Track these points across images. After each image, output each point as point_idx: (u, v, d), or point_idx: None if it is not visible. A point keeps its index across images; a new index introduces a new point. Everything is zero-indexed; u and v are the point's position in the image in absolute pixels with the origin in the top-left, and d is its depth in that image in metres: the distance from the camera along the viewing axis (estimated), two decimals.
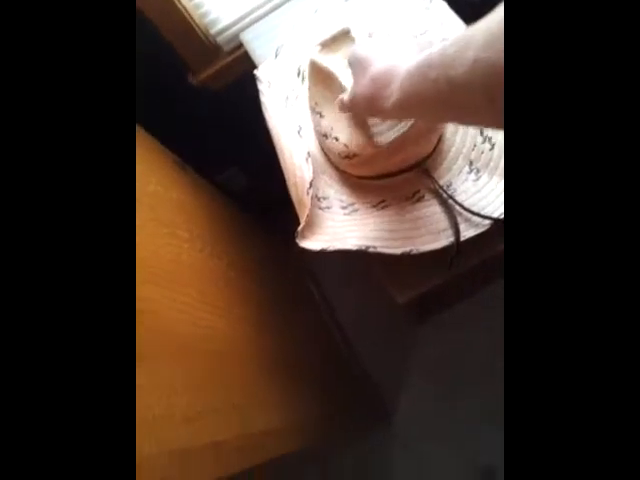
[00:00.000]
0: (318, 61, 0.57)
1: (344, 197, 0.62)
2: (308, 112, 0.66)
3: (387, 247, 0.56)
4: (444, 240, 0.56)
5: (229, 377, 0.63)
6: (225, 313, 0.73)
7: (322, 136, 0.60)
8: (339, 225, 0.59)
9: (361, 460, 1.35)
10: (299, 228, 0.56)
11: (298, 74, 0.69)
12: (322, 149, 0.64)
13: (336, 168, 0.63)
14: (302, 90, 0.68)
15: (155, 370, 0.48)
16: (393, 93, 0.41)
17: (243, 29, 0.87)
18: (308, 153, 0.58)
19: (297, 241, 0.56)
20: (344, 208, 0.61)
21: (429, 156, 0.60)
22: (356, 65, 0.47)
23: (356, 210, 0.60)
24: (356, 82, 0.47)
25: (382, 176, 0.60)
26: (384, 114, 0.46)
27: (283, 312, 1.03)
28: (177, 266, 0.66)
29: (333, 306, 1.52)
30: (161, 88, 1.00)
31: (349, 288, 1.49)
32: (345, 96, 0.50)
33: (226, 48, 0.94)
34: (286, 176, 0.62)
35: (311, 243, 0.56)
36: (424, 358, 1.40)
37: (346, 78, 0.54)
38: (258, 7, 0.89)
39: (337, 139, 0.57)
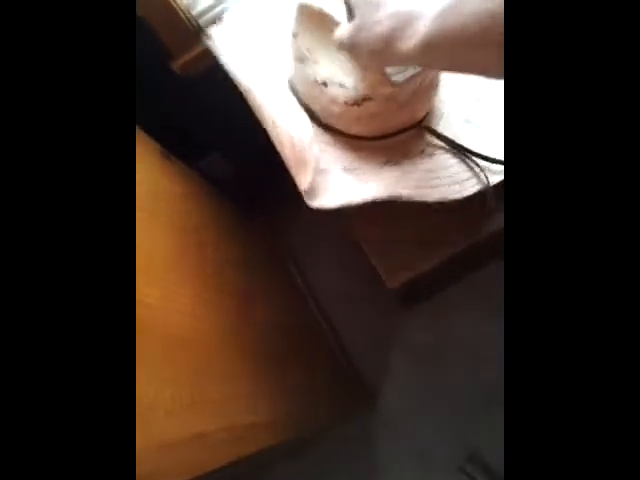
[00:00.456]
0: (309, 3, 0.51)
1: (346, 163, 0.56)
2: (282, 67, 0.59)
3: (417, 196, 0.51)
4: (471, 188, 0.53)
5: (214, 368, 0.63)
6: (211, 302, 0.72)
7: (320, 85, 0.53)
8: (350, 182, 0.53)
9: (347, 443, 1.36)
10: (306, 187, 0.50)
11: (263, 34, 0.63)
12: (312, 110, 0.57)
13: (332, 131, 0.57)
14: (270, 46, 0.62)
15: (140, 363, 0.46)
16: (416, 32, 0.37)
17: (227, 9, 0.84)
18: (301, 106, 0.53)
19: (308, 202, 0.50)
20: (347, 170, 0.55)
21: (427, 115, 0.57)
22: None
23: (364, 173, 0.55)
24: (366, 18, 0.42)
25: (387, 135, 0.55)
26: (397, 57, 0.41)
27: (269, 300, 1.03)
28: (161, 254, 0.65)
29: (318, 293, 1.51)
30: (140, 71, 0.97)
31: (334, 274, 1.49)
32: (342, 32, 0.45)
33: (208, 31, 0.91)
34: (277, 140, 0.55)
35: (324, 200, 0.50)
36: (410, 341, 1.40)
37: (340, 15, 0.48)
38: None
39: (342, 84, 0.51)
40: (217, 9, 0.89)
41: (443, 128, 0.58)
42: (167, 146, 0.96)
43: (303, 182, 0.51)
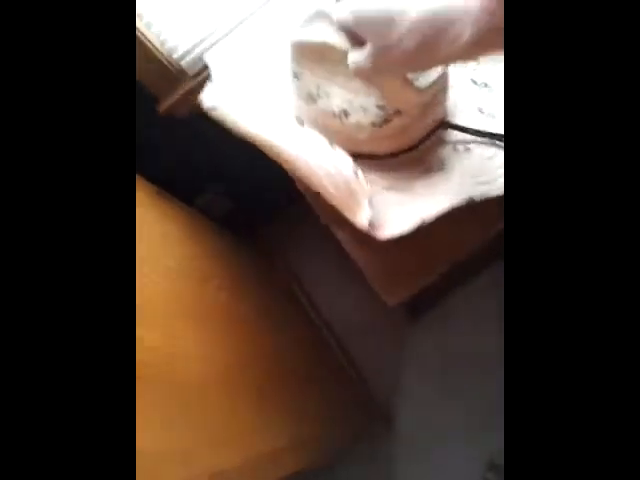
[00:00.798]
0: (305, 40, 0.48)
1: (385, 183, 0.52)
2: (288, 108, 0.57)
3: (488, 192, 0.48)
4: None
5: (224, 405, 0.62)
6: (217, 339, 0.72)
7: (339, 116, 0.50)
8: (405, 200, 0.50)
9: (365, 465, 1.33)
10: (367, 219, 0.46)
11: (252, 82, 0.60)
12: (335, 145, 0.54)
13: (361, 157, 0.53)
14: (265, 91, 0.59)
15: (149, 408, 0.47)
16: (465, 29, 0.36)
17: (206, 50, 0.86)
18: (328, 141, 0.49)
19: (376, 235, 0.47)
20: (391, 189, 0.52)
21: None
22: (372, 21, 0.40)
23: (411, 188, 0.51)
24: (382, 41, 0.39)
25: (415, 145, 0.53)
26: (436, 61, 0.40)
27: (276, 331, 1.02)
28: (166, 297, 0.65)
29: (325, 315, 1.51)
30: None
31: (340, 295, 1.47)
32: (359, 60, 0.42)
33: (190, 72, 0.94)
34: (311, 180, 0.51)
35: (393, 228, 0.47)
36: (420, 357, 1.38)
37: (344, 42, 0.45)
38: (216, 29, 0.89)
39: (364, 107, 0.48)
40: (197, 51, 0.91)
41: (460, 121, 0.55)
42: (163, 186, 0.97)
43: (361, 217, 0.48)
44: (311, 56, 0.49)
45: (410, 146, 0.53)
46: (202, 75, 0.93)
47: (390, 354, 1.41)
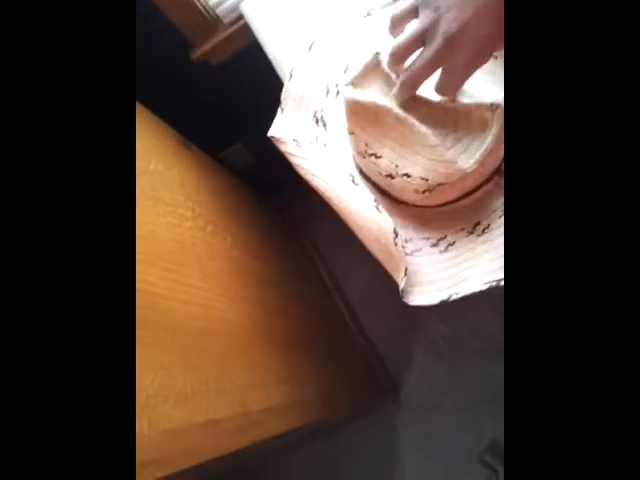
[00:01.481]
0: (358, 99, 0.48)
1: (427, 234, 0.53)
2: (346, 158, 0.57)
3: None
4: None
5: (228, 356, 0.63)
6: (227, 292, 0.73)
7: (385, 177, 0.51)
8: (443, 267, 0.51)
9: (369, 432, 1.37)
10: (401, 287, 0.49)
11: (317, 122, 0.60)
12: (380, 191, 0.55)
13: (406, 205, 0.54)
14: (327, 136, 0.59)
15: (151, 351, 0.48)
16: None
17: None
18: (375, 200, 0.50)
19: (405, 301, 0.49)
20: (435, 245, 0.52)
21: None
22: None
23: (452, 243, 0.52)
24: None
25: (466, 195, 0.52)
26: None
27: (287, 290, 1.03)
28: (178, 245, 0.66)
29: (340, 281, 1.51)
30: (162, 63, 0.98)
31: (355, 263, 1.45)
32: (437, 45, 0.39)
33: (226, 20, 0.91)
34: (360, 235, 0.54)
35: (423, 297, 0.49)
36: (431, 329, 1.37)
37: (396, 108, 0.46)
38: None
39: (408, 175, 0.48)
40: None
41: None
42: (190, 134, 0.97)
43: (398, 279, 0.50)
44: (364, 115, 0.49)
45: (462, 195, 0.52)
46: (238, 24, 0.91)
47: (401, 325, 1.42)
